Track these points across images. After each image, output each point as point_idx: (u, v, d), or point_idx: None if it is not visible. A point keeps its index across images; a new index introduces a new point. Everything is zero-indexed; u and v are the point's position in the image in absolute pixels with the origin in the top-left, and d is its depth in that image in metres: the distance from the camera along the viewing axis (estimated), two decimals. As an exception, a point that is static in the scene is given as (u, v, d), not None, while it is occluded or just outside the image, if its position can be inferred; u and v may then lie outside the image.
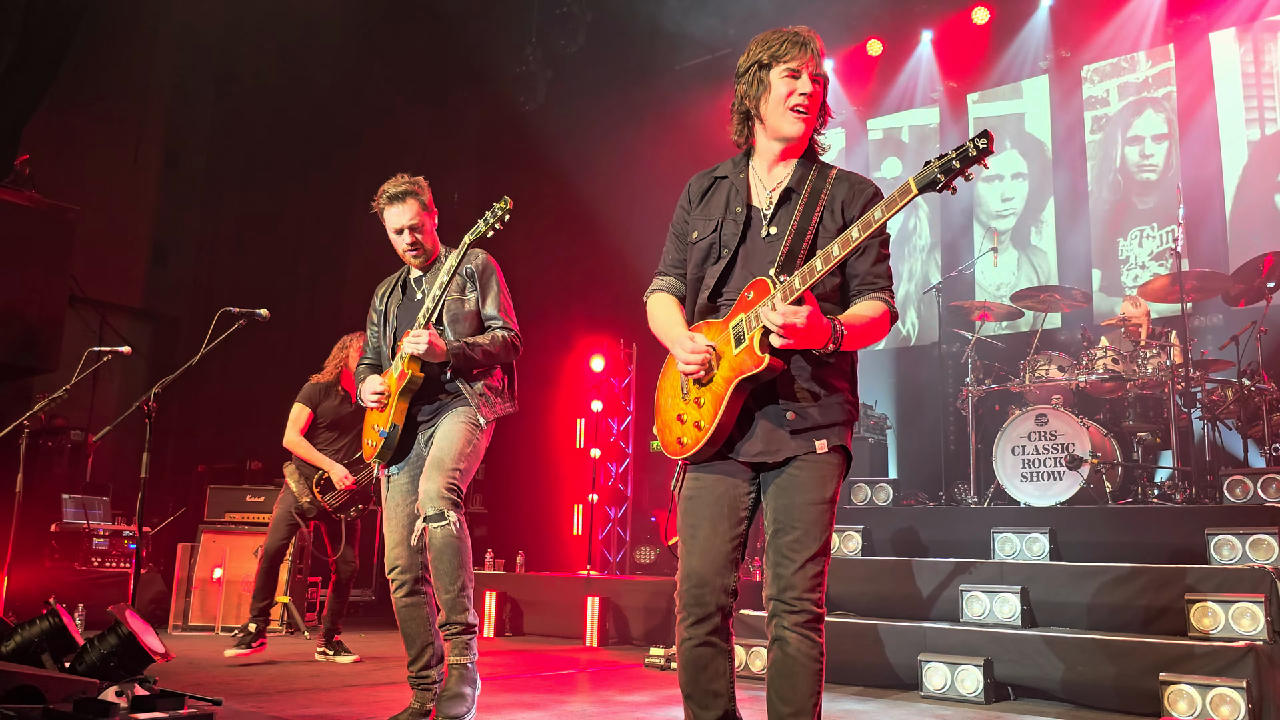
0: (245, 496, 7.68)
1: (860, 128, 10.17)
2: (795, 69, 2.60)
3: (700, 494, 2.57)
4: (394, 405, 3.71)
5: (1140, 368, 6.24)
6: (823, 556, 2.47)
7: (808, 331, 2.33)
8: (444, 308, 3.80)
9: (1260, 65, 8.05)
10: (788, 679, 2.44)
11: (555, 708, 4.43)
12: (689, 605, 2.52)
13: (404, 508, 3.74)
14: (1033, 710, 4.68)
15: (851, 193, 2.57)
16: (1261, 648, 4.35)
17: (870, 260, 2.55)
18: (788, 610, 2.45)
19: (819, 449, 2.49)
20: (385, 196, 3.87)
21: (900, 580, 5.75)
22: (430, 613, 3.75)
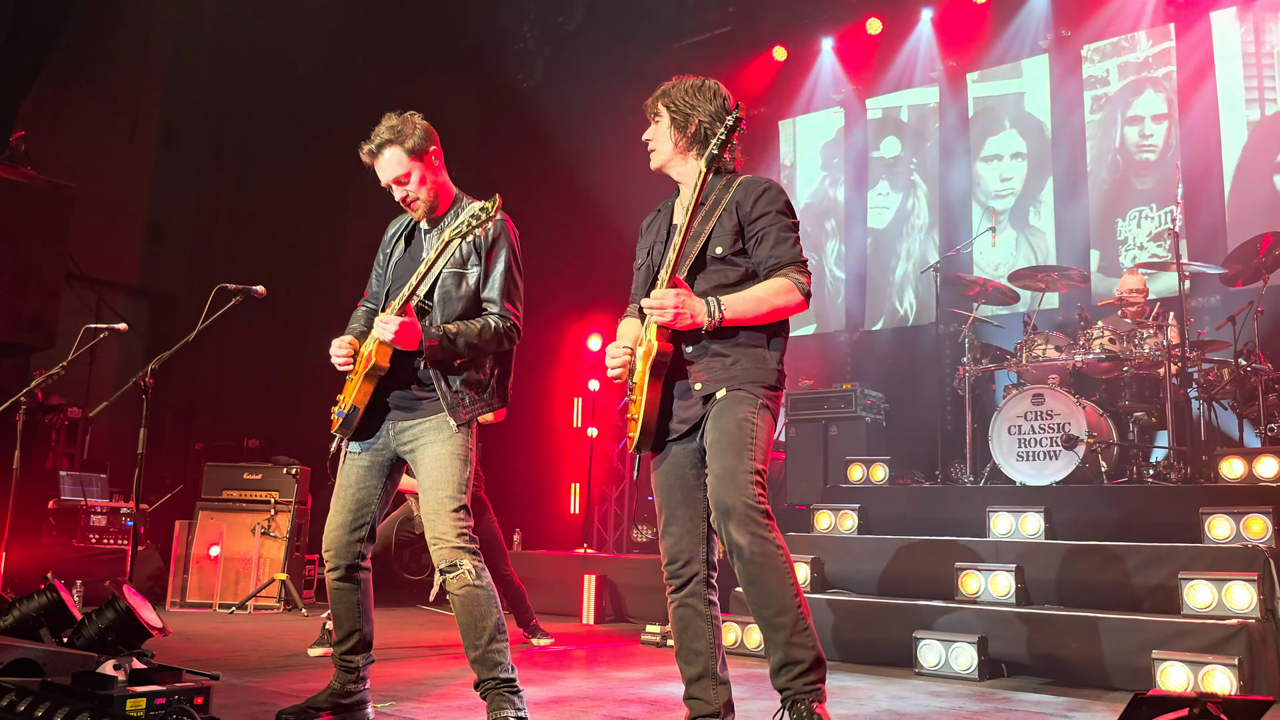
0: (242, 474, 7.68)
1: (859, 107, 10.13)
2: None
3: (660, 484, 2.98)
4: (357, 386, 3.36)
5: (1137, 348, 6.25)
6: (753, 463, 2.72)
7: (680, 309, 2.71)
8: (437, 282, 3.38)
9: (1261, 45, 8.02)
10: (755, 584, 2.68)
11: (551, 684, 4.46)
12: (669, 579, 2.96)
13: (353, 491, 3.43)
14: (1026, 687, 4.71)
15: (745, 191, 2.92)
16: (1253, 625, 4.38)
17: (768, 245, 2.86)
18: (731, 521, 2.67)
19: (718, 396, 2.82)
20: (365, 151, 3.46)
21: (896, 559, 5.77)
22: (363, 601, 3.48)
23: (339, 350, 3.44)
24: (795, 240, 2.88)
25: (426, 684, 4.36)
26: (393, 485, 3.51)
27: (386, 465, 3.45)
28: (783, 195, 2.92)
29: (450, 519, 3.22)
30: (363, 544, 3.42)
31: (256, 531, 7.40)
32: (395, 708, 3.78)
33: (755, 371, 2.84)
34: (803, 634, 2.62)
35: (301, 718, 3.41)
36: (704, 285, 2.87)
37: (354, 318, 3.67)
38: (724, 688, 2.87)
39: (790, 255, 2.85)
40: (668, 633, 5.92)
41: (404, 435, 3.38)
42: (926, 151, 9.74)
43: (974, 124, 9.46)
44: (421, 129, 3.42)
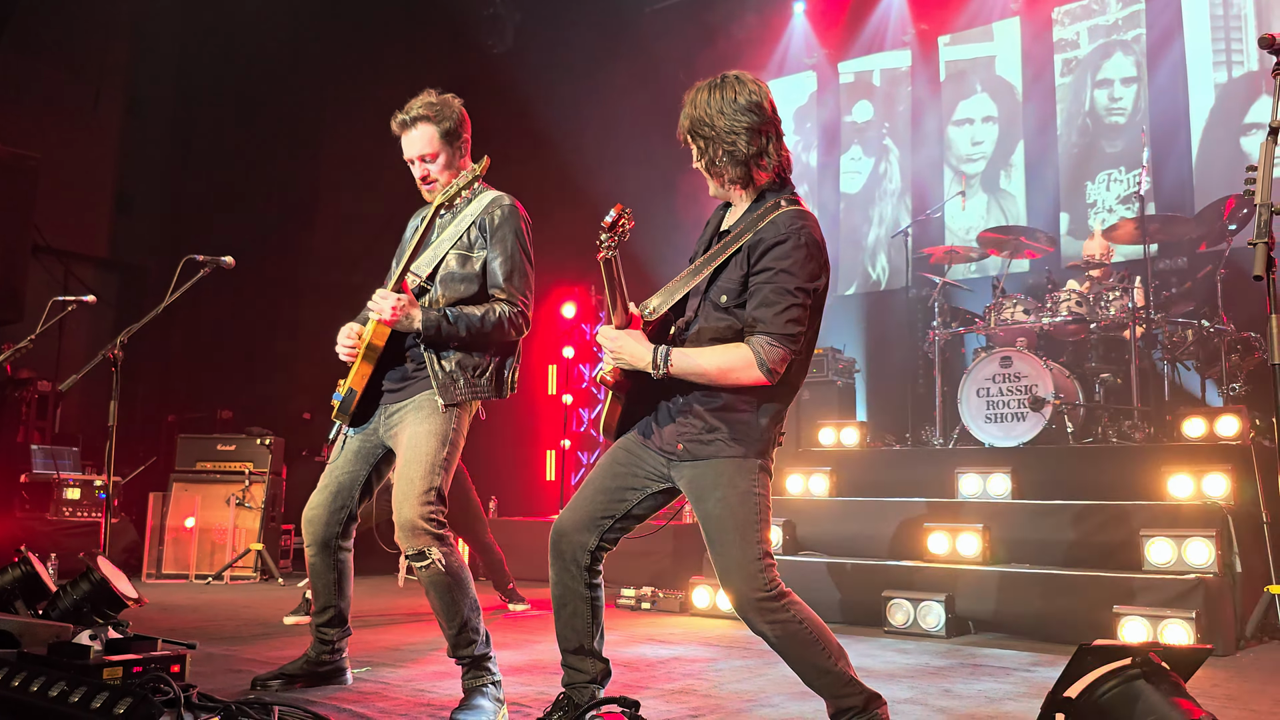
0: (216, 445, 7.68)
1: (832, 71, 10.12)
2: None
3: (603, 460, 2.84)
4: (356, 368, 3.27)
5: (1103, 310, 6.33)
6: (760, 546, 2.58)
7: (622, 350, 2.62)
8: (441, 263, 3.30)
9: (1229, 7, 8.05)
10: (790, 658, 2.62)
11: (526, 647, 4.52)
12: (550, 548, 2.80)
13: (338, 473, 3.40)
14: (991, 643, 4.81)
15: (765, 234, 2.59)
16: (1211, 580, 4.49)
17: (754, 304, 2.57)
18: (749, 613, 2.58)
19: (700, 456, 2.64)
20: (397, 121, 3.35)
21: (866, 520, 5.86)
22: (341, 580, 3.48)
23: (345, 341, 3.35)
24: (788, 307, 2.52)
25: (403, 650, 4.42)
26: (378, 477, 3.47)
27: (374, 453, 3.41)
28: (801, 251, 2.55)
29: (418, 503, 3.12)
30: (342, 525, 3.41)
31: (231, 502, 7.40)
32: (371, 673, 3.84)
33: (734, 445, 2.61)
34: (847, 686, 2.57)
35: (278, 684, 3.46)
36: (704, 331, 2.66)
37: (368, 308, 3.63)
38: (600, 661, 2.84)
39: (769, 324, 2.52)
40: (643, 595, 6.02)
41: (392, 419, 3.32)
42: (898, 115, 9.75)
43: (945, 87, 9.48)
44: (459, 114, 3.36)
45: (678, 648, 4.62)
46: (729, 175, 2.69)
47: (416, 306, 3.17)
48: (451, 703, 3.14)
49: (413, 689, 3.56)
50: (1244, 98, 7.91)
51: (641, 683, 3.77)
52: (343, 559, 3.48)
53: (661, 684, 3.75)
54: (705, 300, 2.68)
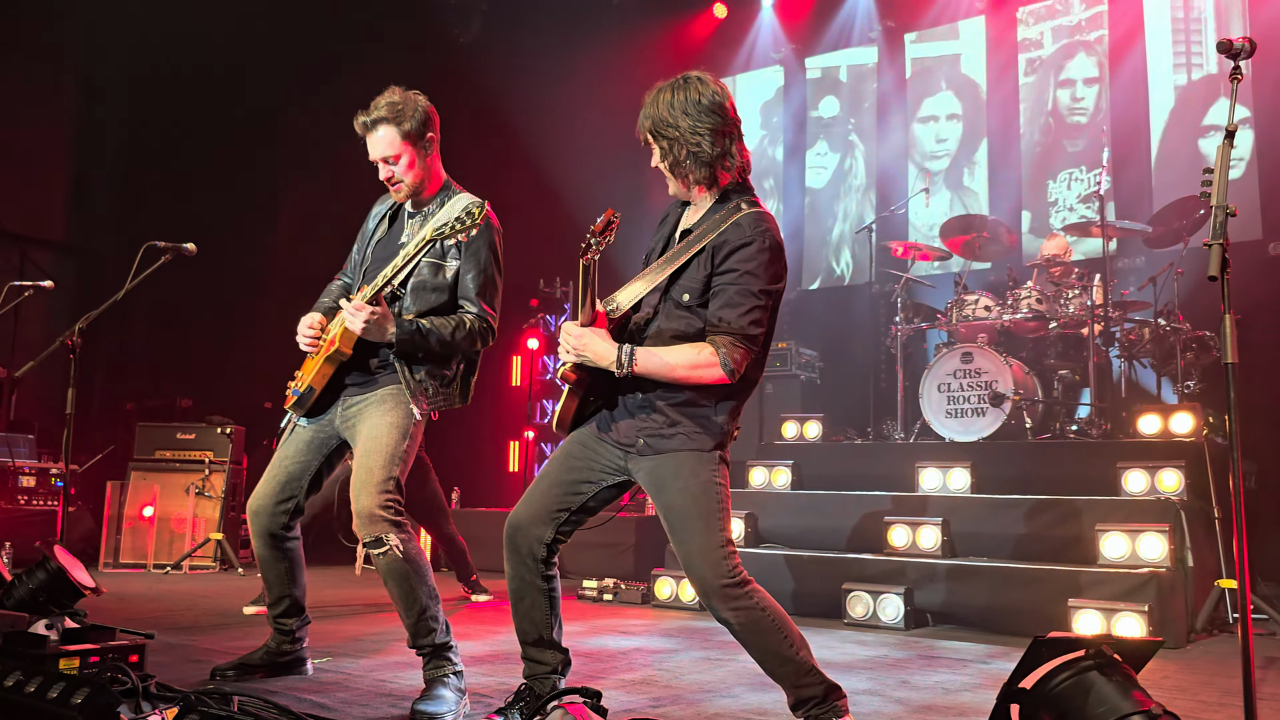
0: (176, 434, 7.59)
1: (799, 67, 10.17)
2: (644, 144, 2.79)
3: (559, 454, 2.85)
4: (317, 367, 3.27)
5: (1062, 308, 6.42)
6: (724, 534, 2.62)
7: (587, 349, 2.61)
8: (413, 271, 3.24)
9: (1189, 10, 8.19)
10: (752, 647, 2.64)
11: (489, 638, 4.52)
12: (505, 541, 2.80)
13: (288, 463, 3.37)
14: (949, 635, 4.88)
15: (730, 236, 2.62)
16: (1164, 574, 4.59)
17: (718, 304, 2.60)
18: (713, 600, 2.60)
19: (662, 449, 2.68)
20: (359, 122, 3.27)
21: (827, 513, 5.91)
22: (293, 568, 3.46)
23: (307, 331, 3.33)
24: (752, 309, 2.57)
25: (364, 640, 4.40)
26: (329, 469, 3.44)
27: (328, 444, 3.39)
28: (765, 254, 2.59)
29: (376, 491, 3.11)
30: (288, 516, 3.38)
31: (191, 492, 7.33)
32: (332, 663, 3.82)
33: (697, 437, 2.66)
34: (808, 676, 2.60)
35: (237, 674, 3.44)
36: (665, 329, 2.68)
37: (327, 290, 3.59)
38: (559, 652, 2.87)
39: (733, 324, 2.56)
40: (605, 587, 6.03)
41: (350, 410, 3.30)
42: (864, 112, 9.82)
43: (911, 85, 9.56)
44: (422, 112, 3.28)
45: (639, 639, 4.64)
46: (694, 176, 2.71)
47: (391, 320, 3.15)
48: (413, 693, 3.14)
49: (374, 679, 3.55)
50: (1202, 100, 8.05)
51: (603, 673, 3.79)
52: (291, 548, 3.46)
53: (623, 674, 3.77)
54: (667, 299, 2.70)
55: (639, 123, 2.72)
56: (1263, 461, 6.84)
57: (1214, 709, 3.33)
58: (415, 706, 2.96)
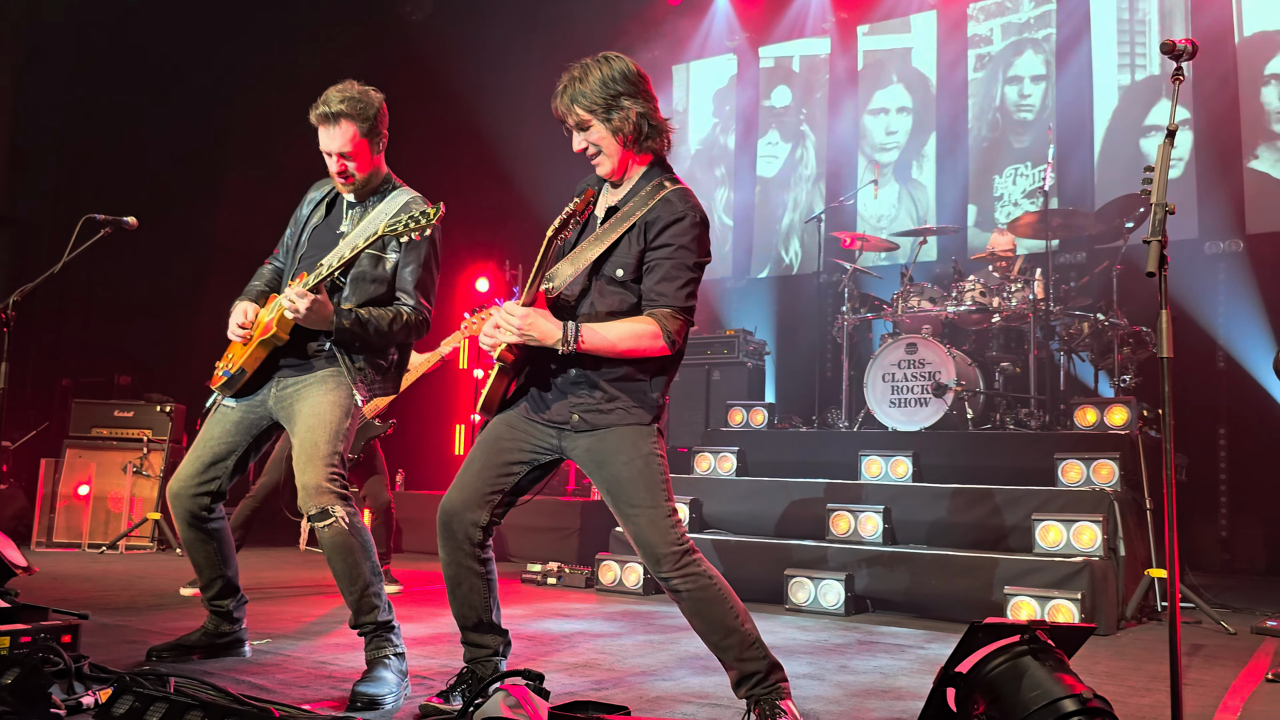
0: (113, 411, 7.44)
1: (752, 55, 10.19)
2: (566, 128, 2.77)
3: (484, 435, 2.86)
4: (251, 350, 3.27)
5: (1005, 301, 6.52)
6: (669, 503, 2.67)
7: (533, 328, 2.59)
8: (354, 261, 3.26)
9: (1135, 12, 8.34)
10: (698, 616, 2.68)
11: (430, 620, 4.51)
12: (439, 531, 2.80)
13: (214, 444, 3.33)
14: (888, 621, 4.96)
15: (660, 212, 2.67)
16: (1096, 563, 4.70)
17: (655, 279, 2.66)
18: (662, 568, 2.64)
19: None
20: (316, 114, 3.26)
21: (772, 500, 5.96)
22: (221, 548, 3.42)
23: (239, 320, 3.32)
24: (686, 282, 2.65)
25: (305, 623, 4.36)
26: (256, 451, 3.41)
27: (258, 425, 3.36)
28: (696, 229, 2.66)
29: (323, 464, 3.13)
30: (210, 498, 3.33)
31: (128, 470, 7.19)
32: (272, 645, 3.78)
33: (635, 412, 2.70)
34: (752, 648, 2.64)
35: (174, 655, 3.39)
36: (598, 306, 2.71)
37: (258, 274, 3.56)
38: (499, 634, 2.89)
39: (671, 297, 2.63)
40: (549, 571, 6.03)
41: (286, 392, 3.29)
42: (816, 102, 9.88)
43: (862, 77, 9.63)
44: (379, 110, 3.32)
45: (582, 623, 4.65)
46: (635, 151, 2.74)
47: (331, 309, 3.17)
48: (354, 675, 3.12)
49: (314, 660, 3.52)
50: (1145, 100, 8.22)
51: (545, 656, 3.79)
52: (216, 529, 3.41)
53: (565, 658, 3.78)
54: (598, 276, 2.72)
55: (567, 104, 2.70)
56: (1193, 455, 7.05)
57: (1141, 693, 3.43)
58: (356, 688, 2.94)
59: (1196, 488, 7.15)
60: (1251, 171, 7.61)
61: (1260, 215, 7.52)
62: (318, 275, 3.20)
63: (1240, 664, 4.04)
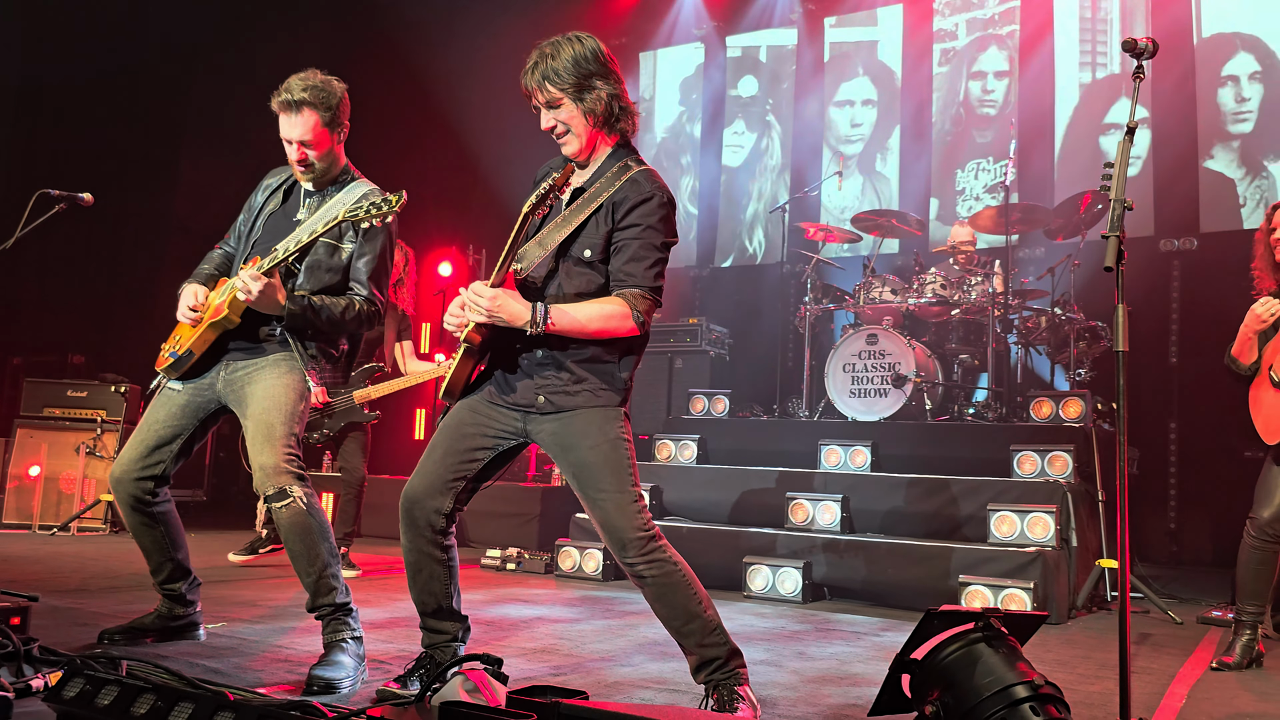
0: (66, 391, 7.30)
1: (719, 44, 10.19)
2: (534, 105, 2.75)
3: (448, 421, 2.83)
4: (200, 332, 3.24)
5: (965, 294, 6.59)
6: (635, 488, 2.67)
7: (502, 309, 2.57)
8: (309, 248, 3.25)
9: (1097, 11, 8.44)
10: (661, 602, 2.69)
11: (388, 605, 4.48)
12: (402, 518, 2.78)
13: (158, 428, 3.29)
14: (845, 609, 5.01)
15: (627, 193, 2.67)
16: (1049, 553, 4.77)
17: (623, 259, 2.66)
18: (628, 553, 2.65)
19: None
20: (279, 101, 3.24)
21: (732, 488, 5.99)
22: (169, 532, 3.38)
23: (190, 302, 3.29)
24: (655, 262, 2.65)
25: (261, 606, 4.32)
26: (202, 434, 3.38)
27: (205, 408, 3.33)
28: (664, 209, 2.67)
29: (280, 445, 3.13)
30: (153, 482, 3.29)
31: (81, 451, 7.07)
32: (227, 628, 3.74)
33: (603, 394, 2.70)
34: (712, 635, 2.66)
35: (126, 638, 3.35)
36: (567, 288, 2.69)
37: (207, 258, 3.52)
38: (458, 620, 2.88)
39: (639, 277, 2.63)
40: (509, 556, 6.03)
41: (236, 375, 3.27)
42: (782, 93, 9.91)
43: (829, 69, 9.67)
44: (341, 100, 3.31)
45: (541, 608, 4.65)
46: (605, 132, 2.73)
47: (284, 293, 3.16)
48: (310, 658, 3.10)
49: (270, 644, 3.49)
50: (1105, 98, 8.32)
51: (504, 641, 3.79)
52: (162, 513, 3.37)
53: (524, 643, 3.78)
54: (565, 257, 2.71)
55: (538, 81, 2.68)
56: (1145, 448, 7.17)
57: (1091, 680, 3.50)
58: (313, 671, 2.92)
59: (1147, 480, 7.29)
60: (1207, 171, 7.74)
61: (1214, 214, 7.66)
62: (272, 259, 3.18)
63: (1186, 652, 4.14)
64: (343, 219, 3.12)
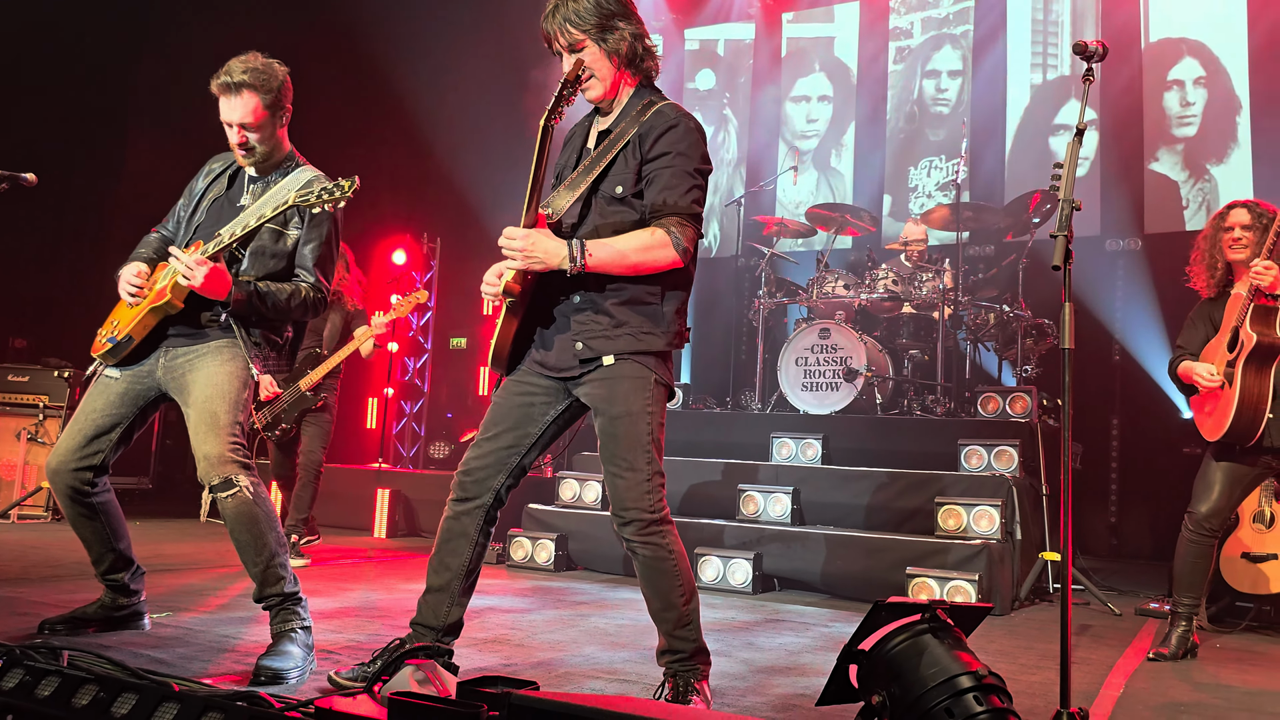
0: (7, 375, 7.14)
1: (678, 36, 10.19)
2: (555, 51, 2.73)
3: (501, 399, 2.79)
4: (139, 316, 3.16)
5: (916, 290, 6.67)
6: (652, 467, 2.64)
7: (535, 248, 2.51)
8: (254, 233, 3.18)
9: (1048, 14, 8.56)
10: (647, 582, 2.70)
11: (339, 595, 4.45)
12: (456, 489, 2.81)
13: (96, 417, 3.22)
14: (794, 600, 5.06)
15: (652, 124, 2.65)
16: (994, 546, 4.86)
17: (656, 189, 2.61)
18: (629, 528, 2.65)
19: (605, 363, 2.64)
20: (218, 83, 3.18)
21: (684, 480, 6.02)
22: (109, 523, 3.32)
23: (134, 280, 3.21)
24: (691, 188, 2.60)
25: (207, 595, 4.27)
26: (142, 423, 3.31)
27: (145, 396, 3.26)
28: (691, 135, 2.63)
29: (225, 434, 3.07)
30: (92, 473, 3.22)
31: (23, 437, 6.92)
32: (172, 618, 3.69)
33: (646, 338, 2.64)
34: (685, 629, 2.68)
35: (68, 628, 3.29)
36: (600, 226, 2.64)
37: (144, 242, 3.43)
38: (457, 609, 2.85)
39: (677, 204, 2.58)
40: (460, 547, 5.98)
41: (177, 363, 3.20)
42: (739, 87, 9.94)
43: (786, 64, 9.71)
44: (283, 84, 3.26)
45: (493, 598, 4.64)
46: (630, 72, 2.72)
47: (229, 278, 3.10)
48: (258, 648, 3.07)
49: (216, 634, 3.45)
50: (1055, 100, 8.45)
51: (455, 632, 3.78)
52: (102, 503, 3.30)
53: (475, 633, 3.77)
54: (597, 197, 2.67)
55: (560, 24, 2.65)
56: (1088, 444, 7.32)
57: (1032, 670, 3.57)
58: (260, 661, 2.89)
59: (1089, 475, 7.44)
60: (1151, 173, 7.90)
61: (1158, 216, 7.82)
62: (217, 244, 3.12)
63: (1125, 643, 4.24)
64: (293, 203, 3.07)
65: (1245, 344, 3.82)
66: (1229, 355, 3.88)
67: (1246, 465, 3.94)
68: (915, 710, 2.04)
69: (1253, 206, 4.01)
